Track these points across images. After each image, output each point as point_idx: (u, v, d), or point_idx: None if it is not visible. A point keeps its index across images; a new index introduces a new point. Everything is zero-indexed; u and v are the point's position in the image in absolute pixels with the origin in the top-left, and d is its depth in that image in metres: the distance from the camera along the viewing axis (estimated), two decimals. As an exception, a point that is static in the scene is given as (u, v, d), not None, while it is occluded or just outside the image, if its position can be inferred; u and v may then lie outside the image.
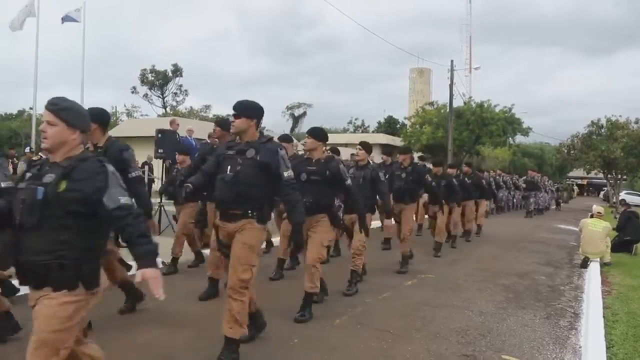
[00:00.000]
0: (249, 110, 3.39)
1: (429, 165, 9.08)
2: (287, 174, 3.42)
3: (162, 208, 8.61)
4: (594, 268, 7.72)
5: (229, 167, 3.35)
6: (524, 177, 21.30)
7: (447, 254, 8.47)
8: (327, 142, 4.90)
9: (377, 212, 7.05)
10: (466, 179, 10.24)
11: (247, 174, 3.30)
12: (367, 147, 5.93)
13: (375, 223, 8.30)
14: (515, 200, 20.50)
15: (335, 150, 7.74)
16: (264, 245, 7.65)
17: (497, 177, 17.93)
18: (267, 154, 3.34)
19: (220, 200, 3.41)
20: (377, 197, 5.85)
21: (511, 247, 9.95)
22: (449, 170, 9.56)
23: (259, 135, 3.46)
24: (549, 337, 4.32)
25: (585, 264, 7.99)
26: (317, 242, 4.32)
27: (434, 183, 8.00)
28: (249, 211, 3.30)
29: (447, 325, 4.42)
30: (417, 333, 4.18)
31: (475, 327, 4.45)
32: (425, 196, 8.42)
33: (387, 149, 9.67)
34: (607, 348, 4.00)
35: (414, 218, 8.27)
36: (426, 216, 9.61)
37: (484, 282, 6.40)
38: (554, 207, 24.18)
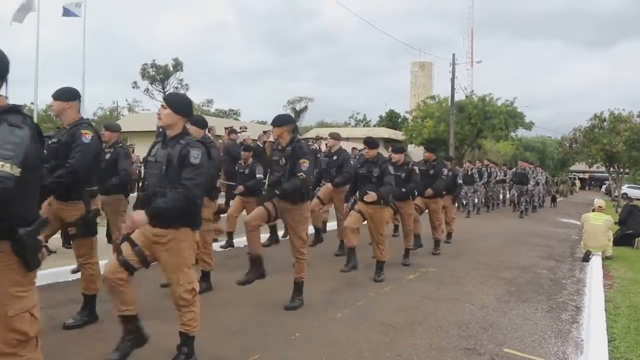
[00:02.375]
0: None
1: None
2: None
3: None
4: (596, 262, 7.72)
5: None
6: (514, 169, 17.84)
7: (448, 248, 8.46)
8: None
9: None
10: (415, 168, 6.83)
11: None
12: (177, 103, 3.08)
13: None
14: (501, 195, 18.41)
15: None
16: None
17: (482, 169, 15.84)
18: None
19: None
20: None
21: (513, 241, 9.95)
22: (394, 157, 6.54)
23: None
24: (550, 330, 4.33)
25: (587, 257, 7.99)
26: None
27: (363, 171, 5.77)
28: None
29: (449, 319, 4.43)
30: (419, 327, 4.19)
31: (477, 320, 4.46)
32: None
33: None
34: (609, 341, 4.00)
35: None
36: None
37: (486, 275, 6.40)
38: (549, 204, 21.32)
